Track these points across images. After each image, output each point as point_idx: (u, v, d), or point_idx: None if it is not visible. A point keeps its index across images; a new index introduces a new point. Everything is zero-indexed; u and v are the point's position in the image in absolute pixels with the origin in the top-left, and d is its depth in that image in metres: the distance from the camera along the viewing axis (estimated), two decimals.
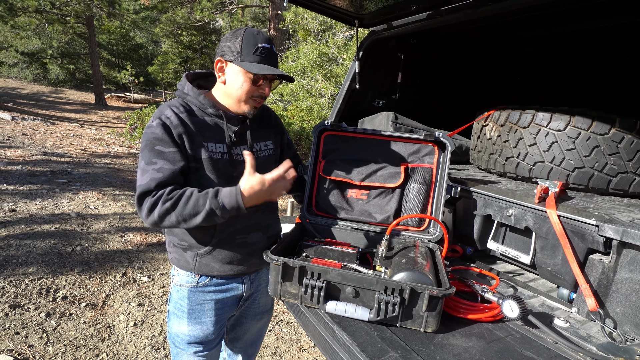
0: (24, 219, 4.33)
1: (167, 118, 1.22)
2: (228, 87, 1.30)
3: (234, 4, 15.12)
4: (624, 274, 1.28)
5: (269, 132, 1.51)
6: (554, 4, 1.71)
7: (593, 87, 3.42)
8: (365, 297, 1.29)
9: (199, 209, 1.16)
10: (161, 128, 1.20)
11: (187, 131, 1.24)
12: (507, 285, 1.71)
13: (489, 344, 1.23)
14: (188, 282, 1.38)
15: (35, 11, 15.09)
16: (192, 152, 1.24)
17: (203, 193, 1.19)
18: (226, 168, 1.31)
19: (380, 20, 2.28)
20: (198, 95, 1.30)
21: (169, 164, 1.20)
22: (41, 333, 2.54)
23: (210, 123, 1.31)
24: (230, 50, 1.25)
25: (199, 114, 1.30)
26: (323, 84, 9.33)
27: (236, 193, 1.18)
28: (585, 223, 1.37)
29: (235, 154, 1.35)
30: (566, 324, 1.36)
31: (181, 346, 1.43)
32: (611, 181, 1.76)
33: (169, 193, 1.17)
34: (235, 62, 1.24)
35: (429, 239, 1.70)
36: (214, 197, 1.17)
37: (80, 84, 24.45)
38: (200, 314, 1.40)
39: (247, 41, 1.23)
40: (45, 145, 8.43)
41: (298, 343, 2.77)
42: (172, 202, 1.16)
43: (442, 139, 1.73)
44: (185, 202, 1.16)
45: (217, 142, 1.30)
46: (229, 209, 1.18)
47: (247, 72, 1.24)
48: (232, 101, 1.32)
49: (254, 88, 1.28)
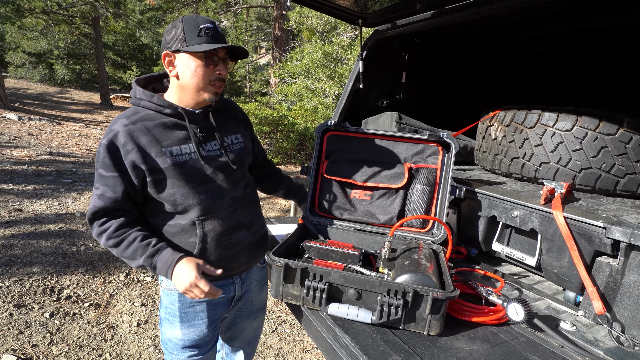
0: (29, 219, 4.36)
1: (115, 136, 1.16)
2: (182, 78, 1.22)
3: (239, 4, 15.14)
4: (632, 277, 1.26)
5: (238, 125, 1.44)
6: (559, 3, 1.68)
7: (601, 87, 3.37)
8: (368, 299, 1.27)
9: (135, 257, 1.19)
10: (105, 150, 1.16)
11: (137, 146, 1.17)
12: (512, 288, 1.69)
13: (493, 348, 1.21)
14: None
15: (42, 12, 15.21)
16: (148, 166, 1.18)
17: (144, 244, 1.18)
18: (195, 169, 1.25)
19: (384, 19, 2.27)
20: (151, 97, 1.23)
21: (109, 191, 1.18)
22: (45, 333, 2.55)
23: (170, 125, 1.23)
24: (174, 40, 1.19)
25: (156, 118, 1.22)
26: (327, 84, 9.31)
27: (170, 266, 1.18)
28: (593, 225, 1.35)
29: (206, 150, 1.28)
30: (572, 328, 1.34)
31: (175, 352, 1.39)
32: (619, 182, 1.73)
33: (115, 230, 1.19)
34: (182, 49, 1.17)
35: (433, 240, 1.68)
36: (149, 257, 1.18)
37: (86, 84, 24.62)
38: (192, 316, 1.36)
39: (188, 25, 1.17)
40: (51, 145, 8.49)
41: (301, 344, 2.76)
42: (114, 241, 1.19)
43: (446, 139, 1.71)
44: (126, 247, 1.19)
45: (181, 144, 1.23)
46: (158, 273, 1.21)
47: (197, 55, 1.18)
48: (191, 93, 1.24)
49: (209, 71, 1.21)
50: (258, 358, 2.58)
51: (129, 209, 1.23)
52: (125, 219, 1.22)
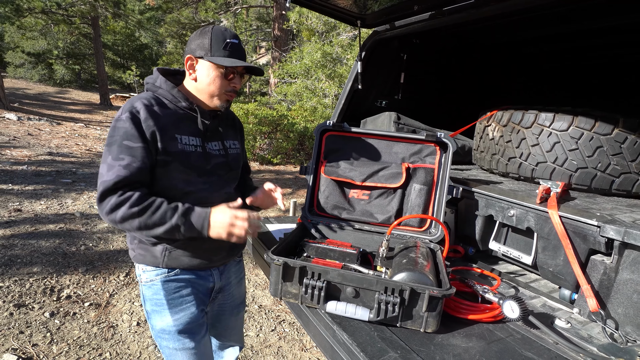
0: (28, 219, 4.37)
1: (137, 111, 1.20)
2: (200, 83, 1.31)
3: (238, 4, 15.16)
4: (626, 275, 1.28)
5: (236, 133, 1.55)
6: (555, 4, 1.70)
7: (597, 87, 3.40)
8: (365, 297, 1.29)
9: (164, 220, 1.18)
10: (130, 122, 1.18)
11: (157, 124, 1.22)
12: (509, 286, 1.71)
13: (489, 345, 1.23)
14: (158, 275, 1.35)
15: (41, 12, 15.22)
16: (162, 145, 1.23)
17: (172, 206, 1.20)
18: (199, 161, 1.31)
19: (383, 20, 2.29)
20: (171, 89, 1.30)
21: (136, 161, 1.18)
22: (45, 332, 2.57)
23: (183, 117, 1.31)
24: (199, 47, 1.27)
25: (170, 107, 1.29)
26: (327, 84, 9.33)
27: (205, 217, 1.21)
28: (587, 224, 1.37)
29: (209, 148, 1.36)
30: (567, 325, 1.36)
31: (171, 341, 1.38)
32: (614, 182, 1.75)
33: (139, 198, 1.17)
34: (205, 58, 1.26)
35: (430, 239, 1.70)
36: (182, 215, 1.19)
37: (85, 85, 24.63)
38: (179, 301, 1.37)
39: (215, 37, 1.26)
40: (51, 145, 8.50)
41: (300, 343, 2.77)
42: (140, 208, 1.16)
43: (443, 139, 1.73)
44: (153, 212, 1.17)
45: (190, 135, 1.31)
46: (194, 228, 1.21)
47: (219, 67, 1.27)
48: (204, 97, 1.33)
49: (226, 82, 1.30)
50: (258, 357, 2.60)
51: (147, 184, 1.24)
52: (145, 190, 1.22)
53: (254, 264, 3.89)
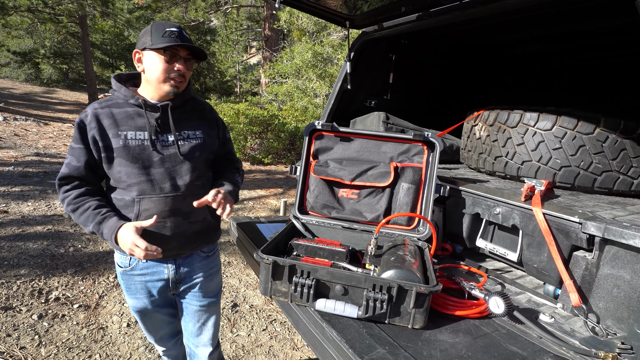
0: (15, 221, 4.30)
1: (85, 116, 1.38)
2: (147, 73, 1.40)
3: (229, 3, 15.08)
4: (606, 270, 1.32)
5: (201, 123, 1.55)
6: (538, 7, 1.74)
7: (581, 88, 3.47)
8: (354, 294, 1.31)
9: (87, 224, 1.35)
10: (76, 126, 1.38)
11: (99, 126, 1.36)
12: (495, 283, 1.74)
13: (475, 340, 1.26)
14: (121, 265, 1.52)
15: (27, 10, 14.93)
16: (104, 144, 1.37)
17: (95, 212, 1.35)
18: (143, 154, 1.39)
19: (371, 21, 2.31)
20: (120, 88, 1.43)
21: (74, 160, 1.37)
22: (33, 335, 2.53)
23: (133, 113, 1.41)
24: (143, 40, 1.37)
25: (122, 106, 1.41)
26: (318, 84, 9.34)
27: (113, 231, 1.32)
28: (569, 221, 1.41)
29: (160, 140, 1.42)
30: (551, 320, 1.39)
31: (133, 312, 1.63)
32: (596, 180, 1.80)
33: (75, 198, 1.36)
34: (147, 48, 1.36)
35: (419, 237, 1.72)
36: (98, 223, 1.33)
37: (73, 84, 24.24)
38: (134, 291, 1.55)
39: (155, 29, 1.36)
40: (38, 145, 8.37)
41: (292, 342, 2.78)
42: (73, 207, 1.36)
43: (431, 138, 1.76)
44: (81, 214, 1.35)
45: (137, 130, 1.40)
46: (106, 239, 1.35)
47: (158, 51, 1.35)
48: (154, 86, 1.40)
49: (168, 66, 1.37)
50: (249, 357, 2.60)
51: (90, 181, 1.41)
52: (87, 189, 1.40)
53: (245, 264, 3.89)
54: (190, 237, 1.50)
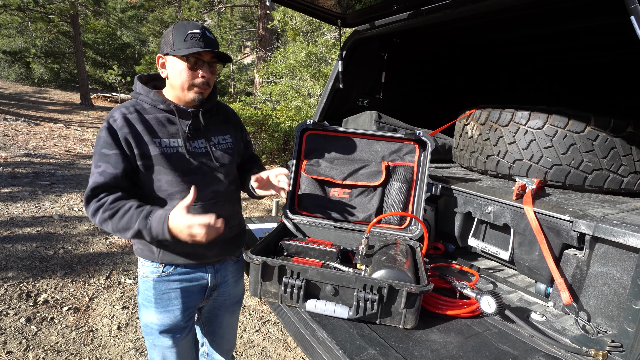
0: (4, 222, 4.23)
1: (114, 121, 1.27)
2: (171, 79, 1.34)
3: (222, 3, 15.01)
4: (597, 268, 1.31)
5: (227, 127, 1.54)
6: (529, 5, 1.74)
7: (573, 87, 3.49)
8: (344, 295, 1.29)
9: (130, 225, 1.20)
10: (106, 131, 1.26)
11: (133, 131, 1.27)
12: (487, 282, 1.74)
13: (466, 339, 1.25)
14: (153, 273, 1.40)
15: (18, 9, 14.74)
16: (139, 151, 1.28)
17: (138, 210, 1.21)
18: (181, 161, 1.33)
19: (363, 20, 2.29)
20: (148, 93, 1.34)
21: (111, 168, 1.24)
22: (20, 339, 2.49)
23: (163, 120, 1.34)
24: (165, 45, 1.30)
25: (151, 112, 1.33)
26: (312, 84, 9.32)
27: (164, 221, 1.18)
28: (560, 219, 1.40)
29: (193, 147, 1.37)
30: (542, 318, 1.39)
31: (152, 335, 1.45)
32: (587, 178, 1.80)
33: (112, 202, 1.22)
34: (170, 53, 1.29)
35: (410, 236, 1.71)
36: (144, 218, 1.20)
37: (65, 84, 23.98)
38: (167, 302, 1.41)
39: (177, 31, 1.29)
40: (28, 146, 8.25)
41: (285, 343, 2.76)
42: (110, 212, 1.21)
43: (422, 137, 1.75)
44: (121, 216, 1.20)
45: (170, 138, 1.33)
46: (155, 233, 1.20)
47: (182, 58, 1.28)
48: (178, 92, 1.35)
49: (192, 73, 1.31)
50: (242, 358, 2.58)
51: (126, 188, 1.28)
52: (124, 194, 1.26)
53: None
54: (229, 242, 1.49)
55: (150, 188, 1.33)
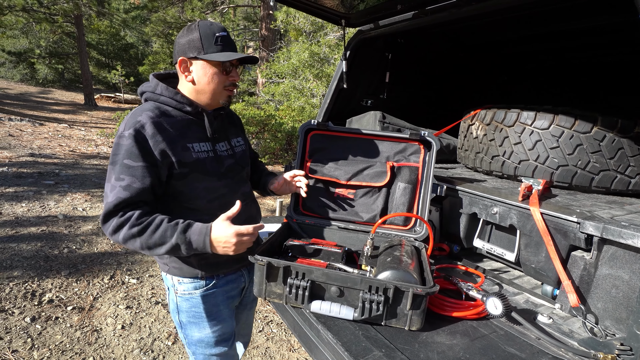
0: (9, 222, 4.25)
1: (142, 127, 1.16)
2: (199, 84, 1.27)
3: (225, 3, 15.03)
4: (605, 270, 1.30)
5: (238, 130, 1.56)
6: (535, 4, 1.73)
7: (578, 86, 3.46)
8: (350, 296, 1.29)
9: (165, 240, 1.13)
10: (133, 139, 1.14)
11: (167, 138, 1.19)
12: (493, 283, 1.73)
13: (472, 341, 1.24)
14: (196, 289, 1.37)
15: (22, 10, 14.83)
16: (177, 158, 1.20)
17: (172, 224, 1.15)
18: (213, 166, 1.31)
19: (367, 19, 2.29)
20: (175, 95, 1.26)
21: (137, 182, 1.14)
22: (26, 338, 2.50)
23: (188, 122, 1.28)
24: (191, 47, 1.22)
25: (175, 115, 1.26)
26: (315, 84, 9.31)
27: (205, 233, 1.15)
28: (567, 220, 1.39)
29: (219, 150, 1.36)
30: (549, 320, 1.38)
31: (208, 349, 1.45)
32: (594, 179, 1.78)
33: (138, 218, 1.13)
34: (199, 56, 1.22)
35: (415, 237, 1.70)
36: (182, 232, 1.14)
37: (69, 84, 24.11)
38: (217, 314, 1.42)
39: (204, 34, 1.22)
40: (33, 146, 8.30)
41: (288, 343, 2.76)
42: (139, 228, 1.12)
43: (427, 137, 1.74)
44: (153, 231, 1.13)
45: (200, 141, 1.30)
46: (195, 247, 1.15)
47: (215, 63, 1.24)
48: (206, 97, 1.30)
49: (224, 78, 1.28)
50: (245, 358, 2.58)
51: (150, 202, 1.19)
52: (148, 209, 1.18)
53: None
54: (257, 242, 1.49)
55: (187, 197, 1.26)
